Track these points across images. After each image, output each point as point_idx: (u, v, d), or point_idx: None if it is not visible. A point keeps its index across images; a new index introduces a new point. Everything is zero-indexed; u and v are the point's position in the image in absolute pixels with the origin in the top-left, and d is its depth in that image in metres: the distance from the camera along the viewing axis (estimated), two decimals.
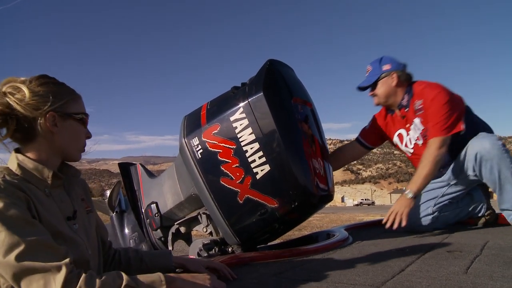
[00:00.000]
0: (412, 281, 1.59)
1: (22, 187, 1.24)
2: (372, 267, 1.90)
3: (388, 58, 3.12)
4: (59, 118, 1.38)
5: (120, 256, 1.67)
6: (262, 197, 2.12)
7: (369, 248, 2.47)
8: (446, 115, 2.79)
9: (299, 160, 2.15)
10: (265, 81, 2.19)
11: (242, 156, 2.12)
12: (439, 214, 3.09)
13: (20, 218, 1.16)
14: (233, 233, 2.24)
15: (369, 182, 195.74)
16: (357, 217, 21.13)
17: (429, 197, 3.09)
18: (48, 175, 1.35)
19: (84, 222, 1.47)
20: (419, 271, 1.75)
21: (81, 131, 1.48)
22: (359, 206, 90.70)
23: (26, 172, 1.32)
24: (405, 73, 3.06)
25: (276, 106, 2.14)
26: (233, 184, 2.15)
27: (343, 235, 2.82)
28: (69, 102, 1.42)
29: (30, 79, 1.38)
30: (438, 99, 2.82)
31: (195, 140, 2.23)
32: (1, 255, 1.10)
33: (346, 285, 1.57)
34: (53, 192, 1.37)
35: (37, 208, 1.25)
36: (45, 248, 1.15)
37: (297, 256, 2.20)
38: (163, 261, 1.69)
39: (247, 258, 2.05)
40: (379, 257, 2.14)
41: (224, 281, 1.52)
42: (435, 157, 2.76)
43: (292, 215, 2.21)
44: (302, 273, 1.82)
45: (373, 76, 3.10)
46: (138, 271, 1.60)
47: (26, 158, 1.35)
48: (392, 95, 3.07)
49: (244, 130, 2.13)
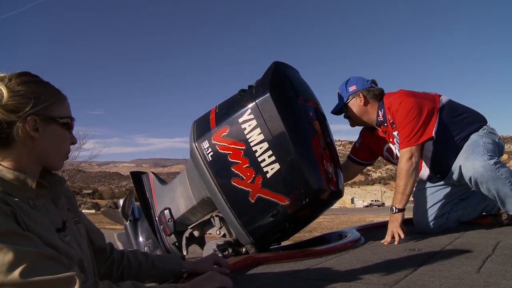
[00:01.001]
0: (424, 280, 1.61)
1: (6, 201, 1.09)
2: (385, 266, 1.93)
3: (354, 79, 3.11)
4: (40, 122, 1.22)
5: (129, 260, 1.59)
6: (273, 195, 2.15)
7: (381, 248, 2.49)
8: (410, 125, 2.76)
9: (307, 157, 2.19)
10: (271, 82, 2.24)
11: (252, 156, 2.16)
12: (449, 214, 3.09)
13: (13, 232, 1.03)
14: (246, 233, 2.26)
15: (379, 183, 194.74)
16: (367, 218, 21.03)
17: (437, 198, 3.10)
18: (32, 185, 1.19)
19: (74, 233, 1.34)
20: (431, 271, 1.77)
21: (66, 137, 1.32)
22: (369, 207, 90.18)
23: (5, 183, 1.16)
24: (372, 91, 3.04)
25: (283, 106, 2.19)
26: (244, 184, 2.18)
27: (355, 235, 2.84)
28: (53, 104, 1.26)
29: (10, 76, 1.21)
30: (400, 110, 2.80)
31: (205, 143, 2.27)
32: (3, 275, 0.98)
33: (359, 284, 1.59)
34: (37, 203, 1.22)
35: (26, 222, 1.10)
36: (48, 260, 1.04)
37: (310, 257, 2.22)
38: (173, 265, 1.66)
39: (261, 259, 2.08)
40: (392, 257, 2.16)
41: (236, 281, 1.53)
42: (407, 170, 2.74)
43: (304, 212, 2.23)
44: (316, 273, 1.85)
45: (341, 100, 3.11)
46: (149, 275, 1.60)
47: (4, 168, 1.18)
48: (364, 114, 3.07)
49: (252, 131, 2.17)
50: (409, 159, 2.74)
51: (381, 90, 3.06)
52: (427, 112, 2.79)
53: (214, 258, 1.74)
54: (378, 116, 3.02)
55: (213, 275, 1.38)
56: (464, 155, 2.77)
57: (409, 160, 2.74)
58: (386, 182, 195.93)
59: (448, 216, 3.09)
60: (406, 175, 2.74)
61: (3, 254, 0.99)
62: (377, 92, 3.04)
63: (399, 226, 2.69)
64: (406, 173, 2.74)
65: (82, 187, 65.01)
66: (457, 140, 2.87)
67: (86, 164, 35.45)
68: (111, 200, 58.55)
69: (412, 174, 2.75)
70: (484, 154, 2.64)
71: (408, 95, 2.87)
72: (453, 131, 2.88)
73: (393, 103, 2.87)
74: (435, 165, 3.02)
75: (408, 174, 2.74)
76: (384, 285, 1.55)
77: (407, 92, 2.93)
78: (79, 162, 31.67)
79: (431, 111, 2.82)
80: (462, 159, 2.76)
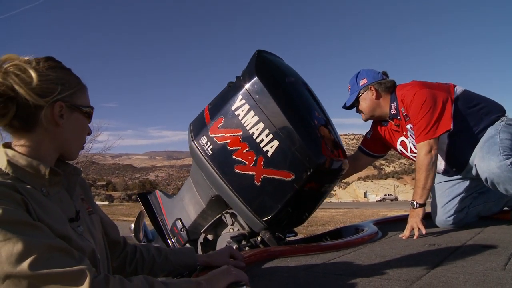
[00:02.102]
0: (448, 276, 1.55)
1: (17, 188, 1.06)
2: (405, 262, 1.87)
3: (364, 72, 3.03)
4: (66, 109, 1.21)
5: (142, 254, 1.55)
6: (277, 172, 2.14)
7: (399, 243, 2.42)
8: (427, 117, 2.67)
9: (303, 127, 2.19)
10: (256, 66, 2.28)
11: (250, 139, 2.17)
12: (468, 208, 3.01)
13: (24, 222, 1.00)
14: (258, 218, 2.24)
15: (392, 177, 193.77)
16: (380, 212, 20.92)
17: (455, 192, 3.02)
18: (45, 172, 1.16)
19: (88, 224, 1.31)
20: (454, 267, 1.71)
21: (86, 126, 1.32)
22: (382, 202, 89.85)
23: (18, 169, 1.13)
24: (383, 83, 2.95)
25: (271, 85, 2.22)
26: (248, 168, 2.18)
27: (372, 229, 2.78)
28: (77, 92, 1.26)
29: (37, 60, 1.19)
30: (415, 102, 2.71)
31: (203, 139, 2.31)
32: (12, 266, 0.94)
33: (380, 279, 1.54)
34: (51, 191, 1.19)
35: (36, 211, 1.07)
36: (58, 252, 1.00)
37: (327, 251, 2.17)
38: (187, 258, 1.62)
39: (277, 252, 2.03)
40: (411, 252, 2.10)
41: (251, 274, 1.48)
42: (427, 164, 2.66)
43: (310, 184, 2.20)
44: (334, 268, 1.80)
45: (353, 94, 3.03)
46: (162, 269, 1.56)
47: (17, 154, 1.15)
48: (377, 108, 2.99)
49: (247, 115, 2.20)
50: (428, 152, 2.66)
51: (393, 82, 2.98)
52: (442, 103, 2.69)
53: (229, 251, 1.70)
54: (391, 109, 2.94)
55: (229, 269, 1.33)
56: (480, 154, 2.67)
57: (428, 154, 2.66)
58: (399, 176, 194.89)
59: (467, 211, 3.01)
60: (426, 169, 2.66)
61: (12, 244, 0.96)
62: (389, 84, 2.96)
63: (420, 221, 2.62)
64: (426, 167, 2.66)
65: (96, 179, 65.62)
66: (474, 132, 2.77)
67: (99, 156, 35.65)
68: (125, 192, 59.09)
69: (432, 168, 2.67)
70: (500, 153, 2.53)
71: (421, 86, 2.77)
72: (469, 123, 2.78)
73: (406, 95, 2.79)
74: (451, 158, 2.92)
75: (428, 168, 2.66)
76: (405, 281, 1.50)
77: (420, 83, 2.84)
78: (93, 154, 31.86)
79: (447, 101, 2.71)
80: (478, 159, 2.66)
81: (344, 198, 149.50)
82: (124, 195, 56.75)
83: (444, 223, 2.98)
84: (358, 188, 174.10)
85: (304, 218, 2.52)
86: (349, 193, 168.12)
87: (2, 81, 1.11)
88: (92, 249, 1.22)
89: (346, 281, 1.54)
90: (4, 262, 0.95)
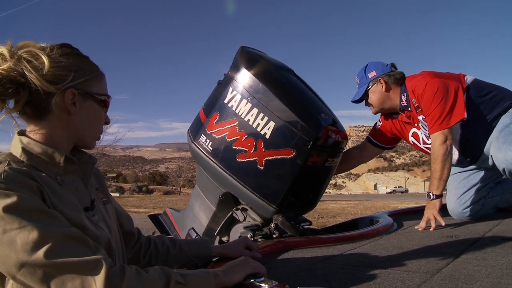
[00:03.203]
0: (469, 269, 1.50)
1: (33, 176, 1.06)
2: (423, 253, 1.83)
3: (373, 64, 2.96)
4: (79, 97, 1.19)
5: (156, 245, 1.53)
6: (278, 152, 2.16)
7: (416, 235, 2.39)
8: (440, 107, 2.61)
9: (296, 104, 2.22)
10: (241, 58, 2.37)
11: (247, 126, 2.22)
12: (485, 199, 2.97)
13: (39, 210, 0.99)
14: (268, 203, 2.23)
15: (402, 169, 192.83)
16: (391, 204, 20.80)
17: (471, 183, 2.97)
18: (60, 160, 1.15)
19: (103, 214, 1.30)
20: (474, 259, 1.67)
21: (101, 115, 1.29)
22: (392, 194, 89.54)
23: (33, 157, 1.13)
24: (393, 75, 2.89)
25: (259, 72, 2.29)
26: (249, 155, 2.21)
27: (388, 220, 2.74)
28: (92, 80, 1.23)
29: (51, 46, 1.17)
30: (427, 92, 2.65)
31: (202, 138, 2.36)
32: (27, 255, 0.93)
33: (399, 271, 1.50)
34: (65, 179, 1.18)
35: (51, 199, 1.07)
36: (74, 241, 0.99)
37: (343, 242, 2.14)
38: (202, 249, 1.59)
39: (292, 243, 2.00)
40: (429, 244, 2.06)
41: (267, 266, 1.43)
42: (442, 154, 2.60)
43: (313, 158, 2.19)
44: (351, 259, 1.76)
45: (362, 87, 2.96)
46: (176, 260, 1.54)
47: (32, 141, 1.14)
48: (387, 100, 2.92)
49: (239, 104, 2.26)
50: (443, 142, 2.61)
51: (402, 74, 2.91)
52: (454, 92, 2.63)
53: (245, 242, 1.67)
54: (401, 100, 2.87)
55: (246, 260, 1.30)
56: (496, 144, 2.61)
57: (443, 144, 2.61)
58: (409, 168, 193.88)
59: (484, 202, 2.97)
60: (442, 160, 2.60)
61: (28, 232, 0.95)
62: (398, 76, 2.89)
63: (437, 212, 2.57)
64: (442, 158, 2.60)
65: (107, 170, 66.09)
66: (487, 120, 2.71)
67: (110, 148, 35.78)
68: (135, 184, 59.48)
69: (448, 158, 2.62)
70: None
71: (432, 76, 2.72)
72: (482, 112, 2.72)
73: (417, 86, 2.73)
74: (465, 148, 2.87)
75: (444, 158, 2.60)
76: (425, 273, 1.46)
77: (430, 73, 2.78)
78: (103, 146, 31.96)
79: (459, 90, 2.66)
80: (494, 149, 2.61)
81: (354, 190, 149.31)
82: (135, 187, 57.10)
83: (460, 214, 2.93)
84: (368, 180, 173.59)
85: (315, 199, 2.49)
86: (359, 185, 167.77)
87: (14, 67, 1.10)
88: (108, 238, 1.21)
89: (364, 272, 1.51)
90: (20, 250, 0.94)
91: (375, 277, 1.43)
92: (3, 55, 1.11)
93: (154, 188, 58.95)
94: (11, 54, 1.12)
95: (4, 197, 0.97)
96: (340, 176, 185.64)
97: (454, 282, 1.33)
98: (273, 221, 2.32)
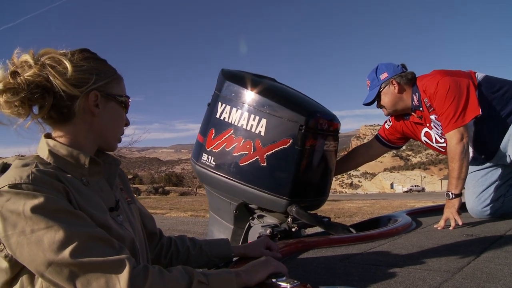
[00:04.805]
0: (491, 267, 1.50)
1: (59, 177, 1.09)
2: (443, 252, 1.83)
3: (384, 66, 2.93)
4: (101, 99, 1.23)
5: (177, 245, 1.55)
6: (276, 145, 2.24)
7: (435, 234, 2.37)
8: (453, 105, 2.58)
9: (282, 96, 2.36)
10: (223, 76, 2.49)
11: (242, 130, 2.30)
12: (505, 197, 2.93)
13: (65, 211, 1.02)
14: (279, 196, 2.27)
15: (418, 168, 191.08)
16: (408, 203, 20.65)
17: (489, 181, 2.94)
18: (85, 162, 1.19)
19: (127, 214, 1.33)
20: (496, 258, 1.66)
21: (122, 116, 1.34)
22: (408, 193, 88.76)
23: (59, 159, 1.17)
24: (404, 76, 2.86)
25: (242, 80, 2.42)
26: (250, 156, 2.27)
27: (406, 220, 2.73)
28: (112, 82, 1.28)
29: (72, 52, 1.22)
30: (439, 91, 2.62)
31: (203, 156, 2.44)
32: (54, 254, 0.96)
33: (420, 270, 1.50)
34: (91, 180, 1.22)
35: (77, 199, 1.10)
36: (98, 241, 1.02)
37: (362, 241, 2.14)
38: (222, 250, 1.59)
39: (312, 243, 2.01)
40: (449, 243, 2.05)
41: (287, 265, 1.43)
42: (460, 153, 2.57)
43: (310, 141, 2.26)
44: (371, 259, 1.76)
45: (374, 89, 2.94)
46: (197, 260, 1.55)
47: (58, 144, 1.19)
48: (399, 102, 2.90)
49: (231, 113, 2.36)
50: (460, 140, 2.58)
51: (413, 74, 2.89)
52: (467, 89, 2.61)
53: (265, 242, 1.67)
54: (413, 100, 2.85)
55: (268, 260, 1.30)
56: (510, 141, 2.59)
57: (460, 142, 2.58)
58: (426, 167, 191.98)
59: (504, 200, 2.93)
60: (460, 158, 2.58)
61: (54, 232, 0.98)
62: (410, 76, 2.87)
63: (456, 211, 2.55)
64: (459, 156, 2.58)
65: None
66: (501, 116, 2.69)
67: (126, 150, 36.12)
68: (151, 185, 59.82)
69: (465, 157, 2.59)
70: None
71: (443, 75, 2.69)
72: (495, 108, 2.69)
73: (429, 85, 2.71)
74: (480, 145, 2.84)
75: (462, 157, 2.58)
76: (447, 272, 1.46)
77: (441, 72, 2.75)
78: (119, 148, 32.27)
79: (470, 87, 2.63)
80: (509, 143, 2.59)
81: (370, 190, 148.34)
82: (151, 188, 57.42)
83: (480, 213, 2.91)
84: (384, 179, 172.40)
85: (324, 187, 2.51)
86: (375, 185, 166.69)
87: (39, 73, 1.14)
88: (132, 238, 1.23)
89: (385, 271, 1.51)
90: (47, 250, 0.96)
91: (396, 276, 1.43)
92: (28, 62, 1.15)
93: (170, 189, 59.25)
94: (35, 61, 1.16)
95: (31, 198, 1.00)
96: (356, 176, 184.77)
97: (476, 281, 1.33)
98: (289, 215, 2.35)
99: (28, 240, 0.97)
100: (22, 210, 0.98)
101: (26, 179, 1.03)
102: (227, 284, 1.11)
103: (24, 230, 0.98)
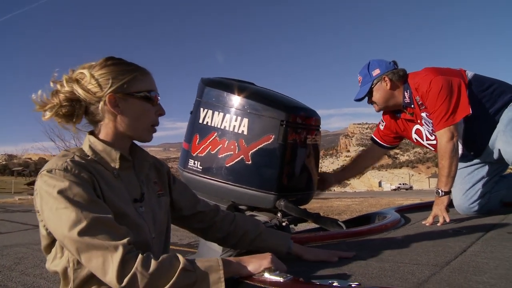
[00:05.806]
0: (477, 261, 1.54)
1: (88, 168, 1.29)
2: (431, 247, 1.87)
3: (376, 62, 2.95)
4: (120, 99, 1.38)
5: (236, 225, 1.69)
6: (259, 142, 2.26)
7: (423, 229, 2.42)
8: (445, 104, 2.61)
9: (258, 95, 2.39)
10: (203, 83, 2.54)
11: (225, 132, 2.34)
12: (491, 194, 2.98)
13: (83, 196, 1.20)
14: (266, 192, 2.29)
15: (406, 166, 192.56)
16: (396, 201, 20.82)
17: (476, 178, 2.99)
18: (116, 157, 1.38)
19: (152, 206, 1.48)
20: (482, 252, 1.71)
21: (146, 109, 1.44)
22: (396, 191, 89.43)
23: (96, 153, 1.37)
24: (396, 72, 2.88)
25: (221, 85, 2.48)
26: (235, 156, 2.30)
27: (395, 216, 2.77)
28: (130, 81, 1.39)
29: (95, 63, 1.40)
30: (432, 90, 2.65)
31: (190, 162, 2.46)
32: (67, 230, 1.16)
33: (408, 265, 1.54)
34: (121, 173, 1.39)
35: (102, 188, 1.28)
36: (105, 226, 1.19)
37: (352, 237, 2.18)
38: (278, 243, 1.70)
39: (303, 239, 2.05)
40: (436, 238, 2.10)
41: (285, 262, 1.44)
42: (450, 151, 2.61)
43: (292, 136, 2.29)
44: (361, 254, 1.80)
45: (365, 85, 2.95)
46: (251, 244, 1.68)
47: (96, 140, 1.39)
48: (391, 98, 2.92)
49: (213, 117, 2.40)
50: (450, 139, 2.62)
51: (404, 71, 2.91)
52: (458, 88, 2.65)
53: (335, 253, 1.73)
54: (405, 98, 2.88)
55: (267, 256, 1.37)
56: (504, 138, 2.64)
57: (450, 140, 2.62)
58: (414, 165, 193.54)
59: (490, 196, 2.98)
60: (450, 156, 2.61)
61: (70, 212, 1.17)
62: (402, 73, 2.89)
63: (444, 209, 2.60)
64: (449, 154, 2.61)
65: None
66: (490, 114, 2.74)
67: None
68: None
69: (455, 155, 2.63)
70: None
71: (436, 73, 2.72)
72: (484, 106, 2.74)
73: (421, 84, 2.73)
74: (469, 142, 2.88)
75: (452, 155, 2.62)
76: (434, 266, 1.49)
77: (433, 70, 2.78)
78: None
79: (462, 86, 2.67)
80: (503, 143, 2.63)
81: (359, 188, 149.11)
82: None
83: (467, 210, 2.96)
84: (372, 177, 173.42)
85: (310, 180, 2.53)
86: (363, 183, 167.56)
87: (68, 88, 1.37)
88: (147, 227, 1.40)
89: (375, 265, 1.54)
90: (64, 225, 1.17)
91: (386, 270, 1.46)
92: (62, 82, 1.39)
93: None
94: (67, 80, 1.38)
95: (60, 181, 1.22)
96: None
97: (463, 274, 1.37)
98: (278, 210, 2.37)
99: (53, 216, 1.20)
100: (51, 191, 1.20)
101: (60, 167, 1.25)
102: (215, 272, 1.20)
103: (51, 207, 1.20)
